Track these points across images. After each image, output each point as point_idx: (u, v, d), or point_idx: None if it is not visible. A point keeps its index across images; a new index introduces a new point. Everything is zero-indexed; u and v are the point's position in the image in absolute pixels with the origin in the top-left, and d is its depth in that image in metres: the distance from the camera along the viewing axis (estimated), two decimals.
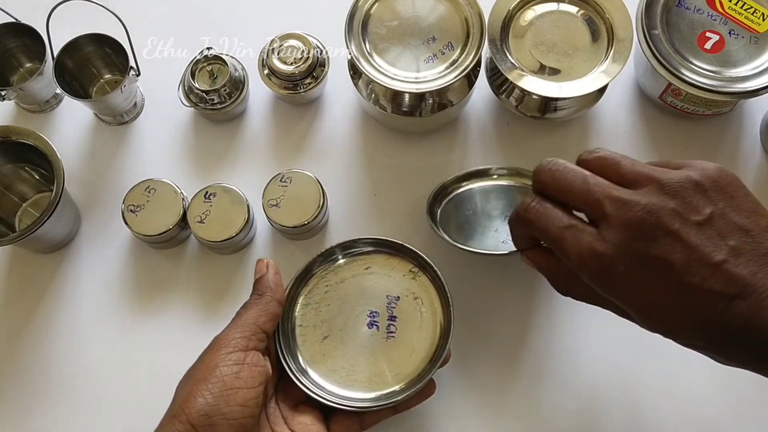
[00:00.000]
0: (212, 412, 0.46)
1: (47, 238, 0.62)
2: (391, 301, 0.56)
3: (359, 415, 0.53)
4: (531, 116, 0.64)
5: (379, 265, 0.57)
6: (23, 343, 0.63)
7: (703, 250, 0.41)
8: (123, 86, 0.63)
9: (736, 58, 0.60)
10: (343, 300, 0.57)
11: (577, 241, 0.43)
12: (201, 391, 0.47)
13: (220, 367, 0.48)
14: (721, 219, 0.42)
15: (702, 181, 0.43)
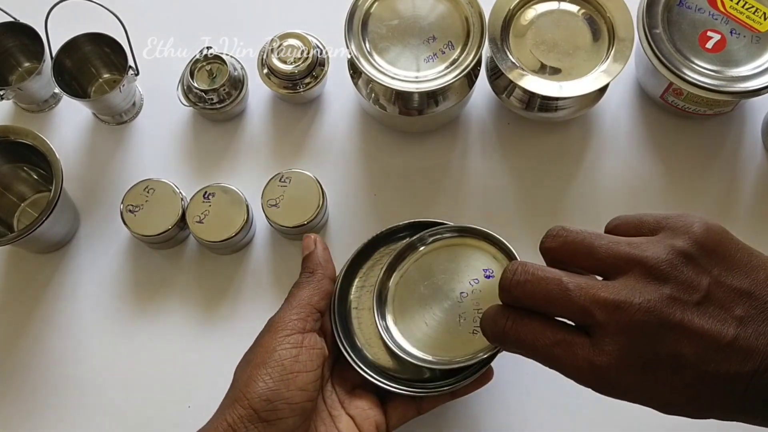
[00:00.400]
0: (273, 397, 0.46)
1: (46, 238, 0.62)
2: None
3: (416, 399, 0.53)
4: (531, 116, 0.64)
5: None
6: (22, 343, 0.63)
7: (713, 333, 0.37)
8: (122, 86, 0.63)
9: (738, 57, 0.60)
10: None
11: (572, 358, 0.39)
12: (261, 376, 0.47)
13: (279, 351, 0.48)
14: (719, 288, 0.38)
15: (689, 249, 0.39)
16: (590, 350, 0.38)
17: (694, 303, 0.38)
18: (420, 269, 0.54)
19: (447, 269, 0.53)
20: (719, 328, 0.37)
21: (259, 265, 0.64)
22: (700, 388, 0.38)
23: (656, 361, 0.38)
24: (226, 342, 0.62)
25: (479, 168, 0.66)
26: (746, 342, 0.37)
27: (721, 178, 0.65)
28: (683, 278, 0.38)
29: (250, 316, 0.63)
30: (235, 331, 0.63)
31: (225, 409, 0.47)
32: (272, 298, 0.63)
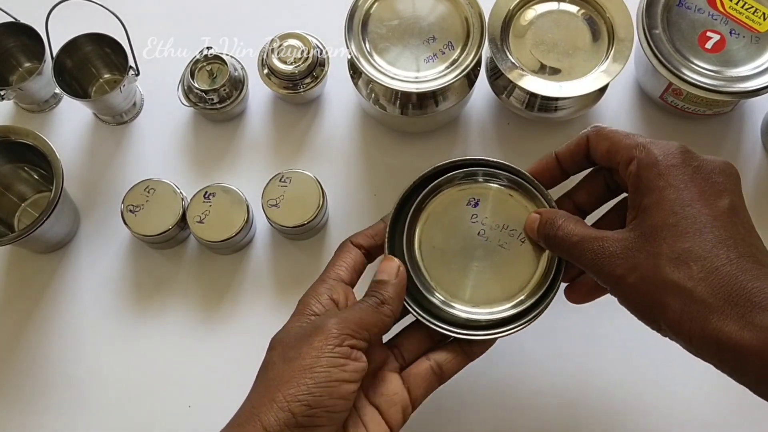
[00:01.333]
0: (315, 404, 0.44)
1: (46, 238, 0.62)
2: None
3: (439, 372, 0.51)
4: (531, 116, 0.64)
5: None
6: (22, 343, 0.63)
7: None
8: (122, 86, 0.63)
9: (737, 57, 0.60)
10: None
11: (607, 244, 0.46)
12: (304, 380, 0.44)
13: (327, 357, 0.45)
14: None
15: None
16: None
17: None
18: (429, 244, 0.52)
19: (447, 227, 0.52)
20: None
21: (260, 265, 0.64)
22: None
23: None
24: (226, 342, 0.62)
25: None
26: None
27: None
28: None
29: (250, 316, 0.63)
30: (235, 331, 0.63)
31: (259, 407, 0.44)
32: (272, 298, 0.63)
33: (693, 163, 0.45)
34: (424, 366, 0.50)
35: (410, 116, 0.62)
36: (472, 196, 0.53)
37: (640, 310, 0.44)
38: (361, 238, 0.53)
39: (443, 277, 0.51)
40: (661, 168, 0.45)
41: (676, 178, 0.45)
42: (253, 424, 0.44)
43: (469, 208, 0.52)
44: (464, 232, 0.52)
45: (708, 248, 0.42)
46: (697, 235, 0.43)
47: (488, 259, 0.51)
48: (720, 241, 0.43)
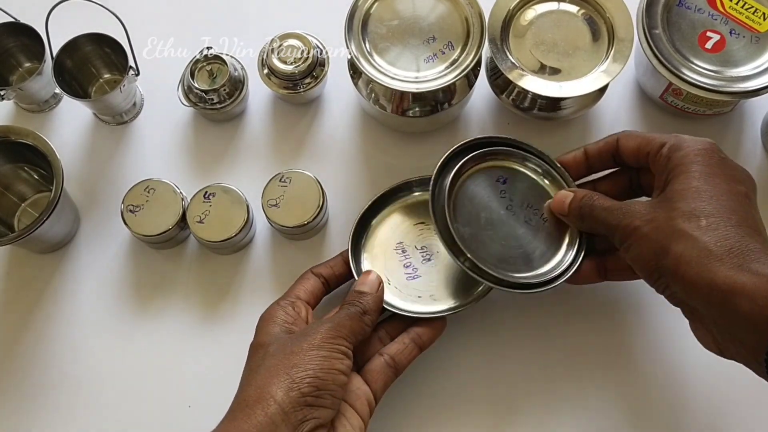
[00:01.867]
0: (321, 386, 0.48)
1: (46, 238, 0.62)
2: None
3: (393, 365, 0.54)
4: (531, 116, 0.64)
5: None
6: (22, 343, 0.63)
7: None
8: (122, 86, 0.63)
9: (737, 57, 0.60)
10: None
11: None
12: (310, 364, 0.48)
13: (327, 350, 0.50)
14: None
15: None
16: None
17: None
18: (465, 222, 0.56)
19: (474, 206, 0.57)
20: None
21: (260, 265, 0.64)
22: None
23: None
24: (226, 342, 0.62)
25: None
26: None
27: None
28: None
29: (250, 316, 0.63)
30: (235, 330, 0.63)
31: (266, 386, 0.47)
32: (272, 298, 0.63)
33: (720, 155, 0.51)
34: (379, 362, 0.54)
35: (410, 116, 0.62)
36: (501, 174, 0.58)
37: (645, 257, 0.48)
38: (321, 269, 0.58)
39: (480, 246, 0.56)
40: (690, 150, 0.51)
41: (705, 159, 0.50)
42: (265, 402, 0.47)
43: (498, 184, 0.58)
44: (495, 207, 0.57)
45: (720, 210, 0.47)
46: (714, 199, 0.48)
47: (515, 232, 0.57)
48: (733, 210, 0.47)
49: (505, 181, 0.58)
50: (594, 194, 0.54)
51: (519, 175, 0.59)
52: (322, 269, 0.58)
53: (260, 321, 0.54)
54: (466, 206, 0.57)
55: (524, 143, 0.59)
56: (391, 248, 0.61)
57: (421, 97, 0.61)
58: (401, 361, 0.55)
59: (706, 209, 0.47)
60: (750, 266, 0.44)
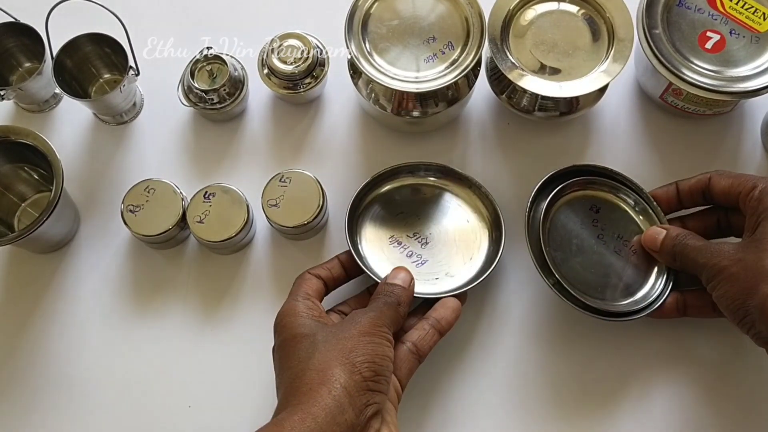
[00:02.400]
0: (379, 370, 0.49)
1: (46, 238, 0.62)
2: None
3: (416, 351, 0.55)
4: (531, 116, 0.64)
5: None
6: (22, 343, 0.63)
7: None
8: (122, 86, 0.63)
9: (737, 57, 0.60)
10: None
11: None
12: (367, 346, 0.49)
13: (378, 335, 0.50)
14: None
15: None
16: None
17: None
18: (557, 247, 0.58)
19: (567, 232, 0.59)
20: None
21: (260, 265, 0.64)
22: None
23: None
24: (226, 342, 0.62)
25: (479, 168, 0.66)
26: None
27: None
28: None
29: (250, 316, 0.63)
30: (235, 330, 0.63)
31: (327, 370, 0.47)
32: (272, 298, 0.63)
33: None
34: (402, 349, 0.54)
35: (410, 116, 0.62)
36: (595, 203, 0.61)
37: (732, 297, 0.50)
38: (318, 270, 0.58)
39: (568, 269, 0.58)
40: None
41: None
42: (330, 385, 0.47)
43: (591, 212, 0.60)
44: (587, 235, 0.59)
45: None
46: None
47: (604, 261, 0.59)
48: None
49: (598, 211, 0.60)
50: (687, 233, 0.56)
51: (612, 206, 0.61)
52: (320, 271, 0.58)
53: (284, 317, 0.53)
54: (559, 231, 0.59)
55: (620, 174, 0.61)
56: (386, 244, 0.61)
57: (421, 97, 0.60)
58: (423, 348, 0.55)
59: None
60: None
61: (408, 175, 0.64)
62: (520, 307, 0.63)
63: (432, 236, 0.62)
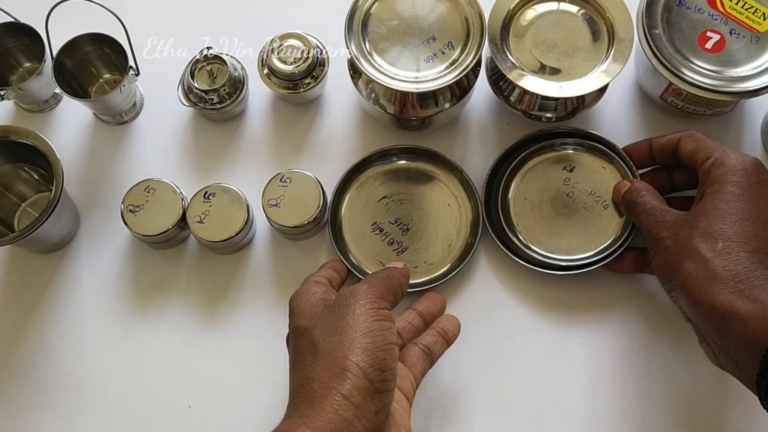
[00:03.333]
0: (384, 366, 0.45)
1: (46, 238, 0.62)
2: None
3: (429, 353, 0.54)
4: (531, 116, 0.64)
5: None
6: (22, 343, 0.63)
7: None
8: (122, 86, 0.63)
9: (737, 57, 0.60)
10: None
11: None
12: (366, 343, 0.45)
13: (376, 321, 0.47)
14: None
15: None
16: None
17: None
18: (522, 196, 0.62)
19: (542, 184, 0.62)
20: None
21: (260, 265, 0.64)
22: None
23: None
24: (226, 342, 0.62)
25: (480, 168, 0.66)
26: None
27: None
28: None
29: (250, 316, 0.63)
30: (235, 330, 0.63)
31: (330, 380, 0.44)
32: (272, 297, 0.63)
33: (761, 176, 0.52)
34: (415, 350, 0.54)
35: (410, 116, 0.62)
36: (569, 162, 0.62)
37: (663, 268, 0.52)
38: (317, 277, 0.55)
39: (529, 224, 0.62)
40: (730, 168, 0.52)
41: (740, 179, 0.51)
42: (332, 398, 0.43)
43: (564, 171, 0.62)
44: (556, 191, 0.62)
45: (740, 235, 0.49)
46: (737, 223, 0.50)
47: (572, 218, 0.61)
48: (754, 235, 0.49)
49: (572, 170, 0.62)
50: (644, 190, 0.57)
51: (584, 164, 0.62)
52: (318, 278, 0.56)
53: (291, 301, 0.52)
54: (526, 189, 0.62)
55: (593, 133, 0.63)
56: (368, 231, 0.63)
57: (421, 97, 0.60)
58: (435, 352, 0.55)
59: (726, 232, 0.49)
60: (751, 292, 0.46)
61: (391, 160, 0.65)
62: (497, 284, 0.64)
63: (413, 222, 0.63)
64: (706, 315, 0.47)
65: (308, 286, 0.52)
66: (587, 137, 0.63)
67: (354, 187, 0.64)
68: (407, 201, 0.64)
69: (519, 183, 0.62)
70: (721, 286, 0.47)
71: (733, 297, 0.46)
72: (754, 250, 0.49)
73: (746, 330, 0.45)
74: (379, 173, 0.65)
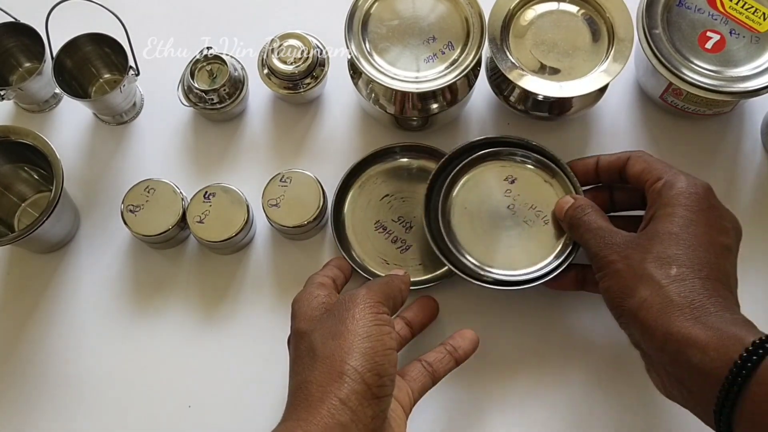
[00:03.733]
0: (382, 372, 0.45)
1: (46, 238, 0.62)
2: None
3: (431, 371, 0.54)
4: (531, 116, 0.64)
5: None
6: (22, 342, 0.63)
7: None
8: (122, 86, 0.63)
9: (737, 57, 0.60)
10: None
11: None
12: (365, 349, 0.45)
13: (375, 325, 0.46)
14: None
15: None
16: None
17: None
18: (462, 206, 0.60)
19: (482, 195, 0.60)
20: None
21: (260, 265, 0.64)
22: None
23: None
24: (226, 342, 0.62)
25: None
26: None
27: (720, 178, 0.65)
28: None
29: (250, 316, 0.63)
30: (235, 330, 0.63)
31: (328, 384, 0.44)
32: (272, 297, 0.63)
33: (712, 201, 0.51)
34: (417, 366, 0.54)
35: (410, 116, 0.62)
36: (511, 174, 0.60)
37: (612, 292, 0.49)
38: (320, 278, 0.55)
39: (467, 236, 0.59)
40: (682, 191, 0.51)
41: (692, 204, 0.50)
42: (329, 402, 0.43)
43: (506, 183, 0.60)
44: (496, 203, 0.60)
45: (693, 261, 0.48)
46: (690, 249, 0.48)
47: (511, 231, 0.59)
48: (707, 262, 0.48)
49: (513, 181, 0.60)
50: (588, 208, 0.55)
51: (527, 177, 0.60)
52: (322, 278, 0.56)
53: (293, 304, 0.51)
54: (465, 198, 0.60)
55: (539, 146, 0.60)
56: (371, 230, 0.63)
57: (421, 97, 0.60)
58: (439, 370, 0.54)
59: (679, 258, 0.48)
60: (707, 319, 0.45)
61: (393, 158, 0.65)
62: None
63: (416, 219, 0.63)
64: (661, 343, 0.45)
65: (311, 288, 0.52)
66: (533, 150, 0.61)
67: (356, 185, 0.64)
68: (409, 198, 0.64)
69: (459, 191, 0.60)
70: (677, 314, 0.45)
71: (689, 324, 0.45)
72: (707, 277, 0.47)
73: (704, 358, 0.43)
74: (381, 171, 0.65)
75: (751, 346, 0.42)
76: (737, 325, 0.44)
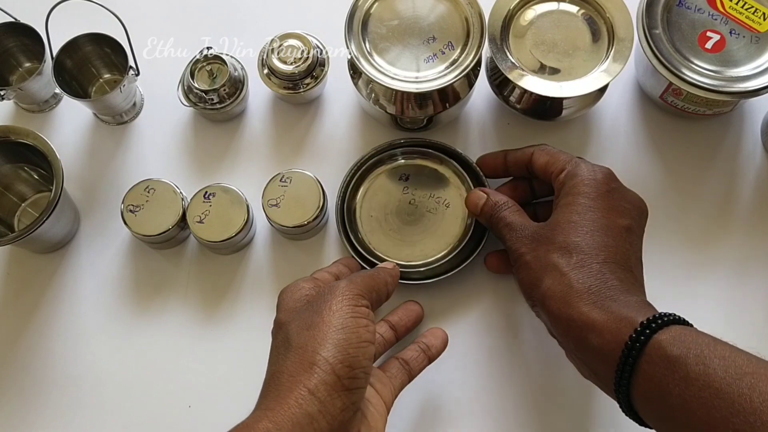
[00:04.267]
0: (354, 364, 0.44)
1: (46, 238, 0.62)
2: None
3: (408, 369, 0.55)
4: (531, 116, 0.64)
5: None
6: (22, 343, 0.63)
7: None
8: (122, 86, 0.63)
9: (737, 57, 0.60)
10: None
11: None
12: (338, 340, 0.44)
13: (351, 318, 0.46)
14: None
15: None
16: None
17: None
18: (367, 214, 0.63)
19: (383, 199, 0.63)
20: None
21: (260, 265, 0.64)
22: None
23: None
24: (226, 342, 0.62)
25: None
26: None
27: (720, 179, 0.65)
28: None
29: (250, 316, 0.63)
30: (235, 330, 0.63)
31: (299, 374, 0.43)
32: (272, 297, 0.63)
33: (612, 185, 0.53)
34: (394, 363, 0.55)
35: (410, 116, 0.62)
36: (404, 172, 0.63)
37: (525, 284, 0.52)
38: (321, 274, 0.56)
39: (381, 240, 0.62)
40: (582, 179, 0.53)
41: (591, 191, 0.52)
42: (297, 391, 0.43)
43: (401, 182, 0.63)
44: (397, 202, 0.63)
45: (592, 246, 0.50)
46: (588, 234, 0.50)
47: (419, 223, 0.62)
48: (605, 246, 0.50)
49: (407, 178, 0.63)
50: (505, 204, 0.57)
51: (419, 170, 0.63)
52: (321, 273, 0.57)
53: (279, 294, 0.52)
54: (369, 206, 0.63)
55: (433, 141, 0.63)
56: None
57: (421, 97, 0.60)
58: (414, 368, 0.55)
59: (579, 245, 0.50)
60: (603, 303, 0.47)
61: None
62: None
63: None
64: (565, 329, 0.48)
65: (299, 281, 0.52)
66: (414, 145, 0.63)
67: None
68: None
69: (362, 202, 0.63)
70: (576, 299, 0.47)
71: (588, 309, 0.47)
72: (605, 261, 0.49)
73: (601, 341, 0.45)
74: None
75: (639, 327, 0.44)
76: (630, 307, 0.46)
